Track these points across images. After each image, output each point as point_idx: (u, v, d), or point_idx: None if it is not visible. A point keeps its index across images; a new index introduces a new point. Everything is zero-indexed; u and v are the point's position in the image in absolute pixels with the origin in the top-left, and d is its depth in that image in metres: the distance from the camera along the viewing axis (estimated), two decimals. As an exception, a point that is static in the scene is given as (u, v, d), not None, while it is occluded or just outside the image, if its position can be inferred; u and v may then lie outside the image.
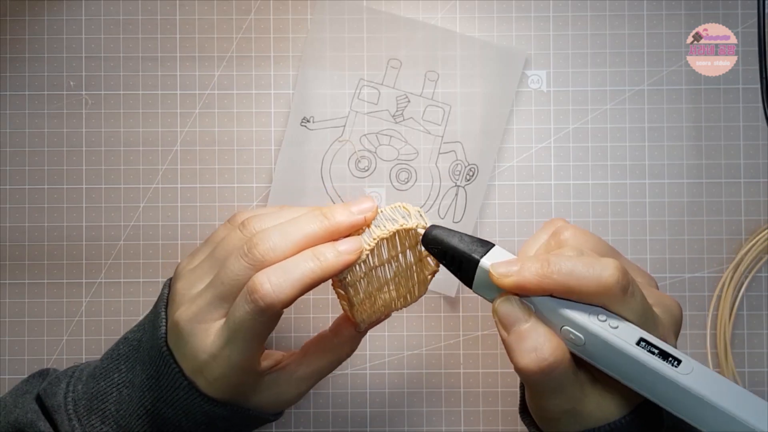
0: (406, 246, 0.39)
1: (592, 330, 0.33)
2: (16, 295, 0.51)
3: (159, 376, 0.39)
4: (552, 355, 0.33)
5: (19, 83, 0.51)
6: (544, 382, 0.34)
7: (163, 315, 0.40)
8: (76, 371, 0.43)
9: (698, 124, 0.51)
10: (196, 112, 0.51)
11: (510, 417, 0.51)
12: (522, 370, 0.34)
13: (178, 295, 0.39)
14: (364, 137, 0.51)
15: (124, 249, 0.51)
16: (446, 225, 0.40)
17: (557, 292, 0.34)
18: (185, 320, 0.38)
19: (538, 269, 0.34)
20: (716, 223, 0.51)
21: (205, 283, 0.39)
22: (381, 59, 0.51)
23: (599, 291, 0.33)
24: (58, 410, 0.40)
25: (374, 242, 0.37)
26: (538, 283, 0.33)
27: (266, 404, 0.41)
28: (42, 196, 0.51)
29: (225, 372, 0.37)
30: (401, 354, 0.51)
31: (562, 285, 0.33)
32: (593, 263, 0.33)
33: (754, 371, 0.50)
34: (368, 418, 0.51)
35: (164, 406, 0.39)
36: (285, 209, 0.41)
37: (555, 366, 0.33)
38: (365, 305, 0.40)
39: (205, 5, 0.52)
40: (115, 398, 0.40)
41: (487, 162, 0.51)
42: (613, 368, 0.33)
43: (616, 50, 0.51)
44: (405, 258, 0.40)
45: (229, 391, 0.38)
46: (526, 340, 0.34)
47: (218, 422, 0.39)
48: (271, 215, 0.40)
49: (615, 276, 0.33)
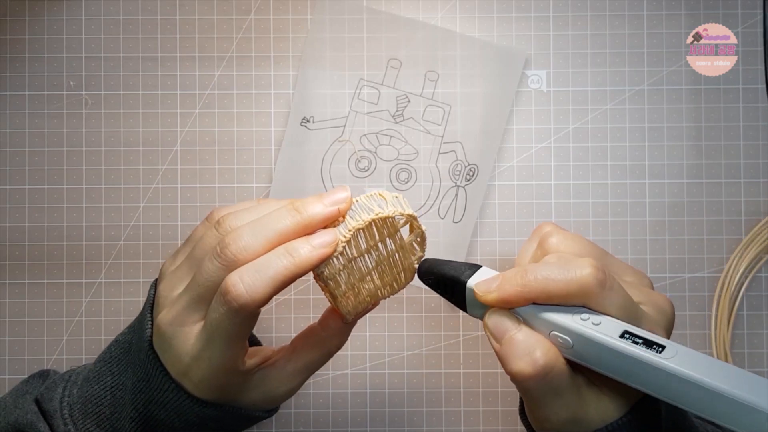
0: (384, 234, 0.39)
1: (576, 330, 0.33)
2: (16, 295, 0.51)
3: (148, 378, 0.39)
4: (544, 357, 0.33)
5: (19, 83, 0.51)
6: (541, 387, 0.34)
7: (149, 318, 0.39)
8: (72, 375, 0.43)
9: (698, 124, 0.51)
10: (196, 112, 0.51)
11: (510, 417, 0.51)
12: (517, 374, 0.34)
13: (161, 297, 0.39)
14: (364, 137, 0.51)
15: (124, 249, 0.51)
16: (444, 228, 0.40)
17: (539, 299, 0.34)
18: (166, 324, 0.38)
19: (517, 281, 0.34)
20: (716, 223, 0.51)
21: (185, 284, 0.38)
22: (381, 59, 0.51)
23: (577, 290, 0.33)
24: (54, 415, 0.40)
25: (350, 234, 0.37)
26: (518, 294, 0.34)
27: (257, 402, 0.41)
28: (42, 196, 0.51)
29: (208, 374, 0.37)
30: (401, 354, 0.51)
31: (541, 291, 0.34)
32: (568, 265, 0.34)
33: (754, 371, 0.50)
34: (368, 418, 0.51)
35: (156, 408, 0.39)
36: (262, 204, 0.40)
37: (549, 368, 0.33)
38: (349, 296, 0.39)
39: (205, 5, 0.52)
40: (110, 401, 0.40)
41: (487, 162, 0.51)
42: (603, 365, 0.34)
43: (616, 50, 0.51)
44: (385, 246, 0.39)
45: (216, 391, 0.38)
46: (517, 346, 0.34)
47: (210, 422, 0.39)
48: (247, 212, 0.39)
49: (591, 273, 0.33)
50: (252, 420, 0.42)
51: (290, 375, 0.41)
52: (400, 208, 0.38)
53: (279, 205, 0.38)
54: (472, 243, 0.51)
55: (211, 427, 0.40)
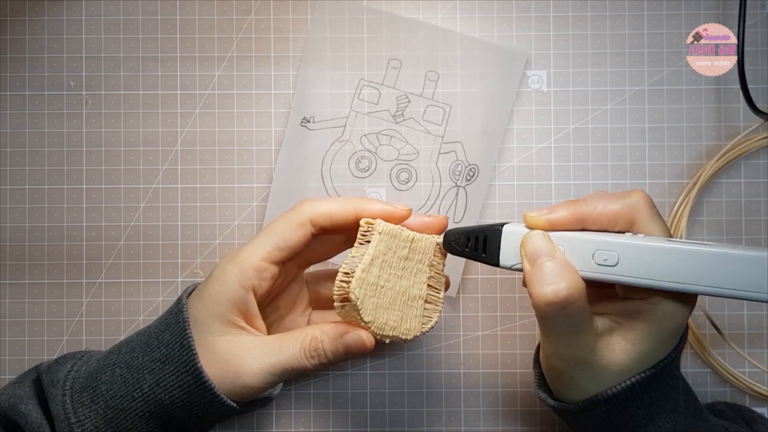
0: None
1: (625, 242, 0.36)
2: (16, 295, 0.51)
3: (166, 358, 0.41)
4: (568, 289, 0.35)
5: (19, 83, 0.51)
6: (559, 318, 0.36)
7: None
8: (85, 355, 0.44)
9: (698, 125, 0.51)
10: (197, 113, 0.51)
11: (510, 417, 0.51)
12: (539, 299, 0.35)
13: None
14: (364, 137, 0.51)
15: (124, 249, 0.51)
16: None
17: (589, 221, 0.37)
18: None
19: (570, 204, 0.37)
20: (717, 223, 0.51)
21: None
22: (381, 59, 0.51)
23: (629, 212, 0.37)
24: (55, 385, 0.41)
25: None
26: (570, 214, 0.37)
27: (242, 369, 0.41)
28: (42, 196, 0.51)
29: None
30: (401, 354, 0.51)
31: (593, 211, 0.37)
32: (620, 193, 0.37)
33: (755, 370, 0.50)
34: (368, 418, 0.51)
35: (162, 391, 0.40)
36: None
37: (571, 300, 0.35)
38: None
39: (206, 5, 0.52)
40: (108, 378, 0.41)
41: (487, 162, 0.51)
42: (650, 273, 0.35)
43: (617, 50, 0.51)
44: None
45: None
46: (546, 272, 0.36)
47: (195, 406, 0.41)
48: None
49: (643, 197, 0.37)
50: (224, 409, 0.42)
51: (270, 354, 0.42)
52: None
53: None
54: (472, 243, 0.51)
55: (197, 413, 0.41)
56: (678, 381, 0.39)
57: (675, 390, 0.39)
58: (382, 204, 0.41)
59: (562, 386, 0.39)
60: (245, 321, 0.41)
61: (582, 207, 0.37)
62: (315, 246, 0.43)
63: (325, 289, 0.47)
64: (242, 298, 0.40)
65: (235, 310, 0.41)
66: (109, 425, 0.40)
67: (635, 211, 0.37)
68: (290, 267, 0.44)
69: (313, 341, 0.41)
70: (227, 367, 0.40)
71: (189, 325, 0.40)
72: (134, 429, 0.41)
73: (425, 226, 0.42)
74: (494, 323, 0.51)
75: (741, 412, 0.47)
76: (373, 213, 0.40)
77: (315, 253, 0.44)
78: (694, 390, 0.42)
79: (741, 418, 0.47)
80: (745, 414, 0.47)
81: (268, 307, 0.45)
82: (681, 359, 0.41)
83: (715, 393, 0.50)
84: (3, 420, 0.42)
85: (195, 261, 0.51)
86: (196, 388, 0.40)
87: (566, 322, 0.36)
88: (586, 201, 0.37)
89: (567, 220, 0.37)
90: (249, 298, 0.41)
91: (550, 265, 0.36)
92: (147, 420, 0.41)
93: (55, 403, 0.41)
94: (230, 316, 0.41)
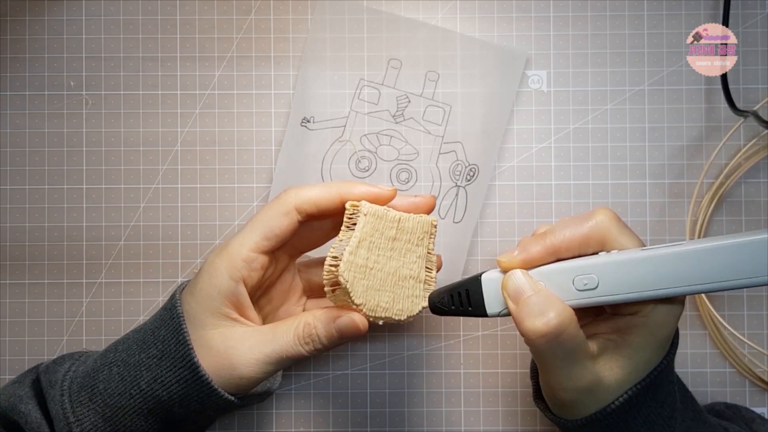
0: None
1: (601, 261, 0.36)
2: (16, 295, 0.51)
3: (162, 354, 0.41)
4: (558, 316, 0.35)
5: (19, 83, 0.51)
6: (554, 349, 0.35)
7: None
8: (82, 355, 0.44)
9: (698, 124, 0.51)
10: (197, 113, 0.51)
11: (510, 417, 0.51)
12: (531, 332, 0.35)
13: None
14: (364, 137, 0.51)
15: (124, 249, 0.51)
16: (445, 228, 0.42)
17: (561, 251, 0.37)
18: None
19: (538, 239, 0.37)
20: (717, 223, 0.51)
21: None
22: (381, 59, 0.51)
23: (598, 233, 0.36)
24: (53, 385, 0.42)
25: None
26: (542, 249, 0.37)
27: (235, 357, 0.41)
28: (42, 196, 0.51)
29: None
30: (401, 354, 0.51)
31: (562, 242, 0.36)
32: (584, 216, 0.37)
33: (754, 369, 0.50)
34: (368, 418, 0.51)
35: (160, 388, 0.40)
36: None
37: (562, 326, 0.35)
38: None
39: (206, 5, 0.52)
40: (105, 376, 0.41)
41: (487, 162, 0.51)
42: (632, 286, 0.35)
43: (617, 50, 0.51)
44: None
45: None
46: (533, 306, 0.36)
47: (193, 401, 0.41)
48: None
49: (608, 214, 0.37)
50: (223, 403, 0.42)
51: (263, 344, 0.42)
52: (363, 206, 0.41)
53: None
54: (472, 243, 0.51)
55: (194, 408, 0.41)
56: (673, 385, 0.39)
57: (671, 395, 0.39)
58: (366, 186, 0.41)
59: (567, 412, 0.39)
60: (238, 313, 0.41)
61: (551, 238, 0.37)
62: (303, 234, 0.43)
63: (317, 276, 0.46)
64: (233, 290, 0.40)
65: (227, 302, 0.40)
66: (107, 423, 0.40)
67: (603, 230, 0.36)
68: (280, 256, 0.44)
69: (307, 327, 0.41)
70: (222, 360, 0.40)
71: (184, 320, 0.40)
72: (133, 426, 0.41)
73: (413, 206, 0.42)
74: (494, 324, 0.51)
75: (740, 413, 0.47)
76: (358, 195, 0.40)
77: (304, 241, 0.44)
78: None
79: (741, 418, 0.47)
80: (745, 414, 0.47)
81: (262, 298, 0.45)
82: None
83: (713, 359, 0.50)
84: (3, 419, 0.42)
85: (195, 261, 0.51)
86: (194, 383, 0.40)
87: (562, 351, 0.36)
88: (554, 231, 0.37)
89: (540, 254, 0.37)
90: (240, 290, 0.41)
91: (535, 298, 0.36)
92: (145, 417, 0.41)
93: (53, 403, 0.41)
94: (222, 308, 0.40)
